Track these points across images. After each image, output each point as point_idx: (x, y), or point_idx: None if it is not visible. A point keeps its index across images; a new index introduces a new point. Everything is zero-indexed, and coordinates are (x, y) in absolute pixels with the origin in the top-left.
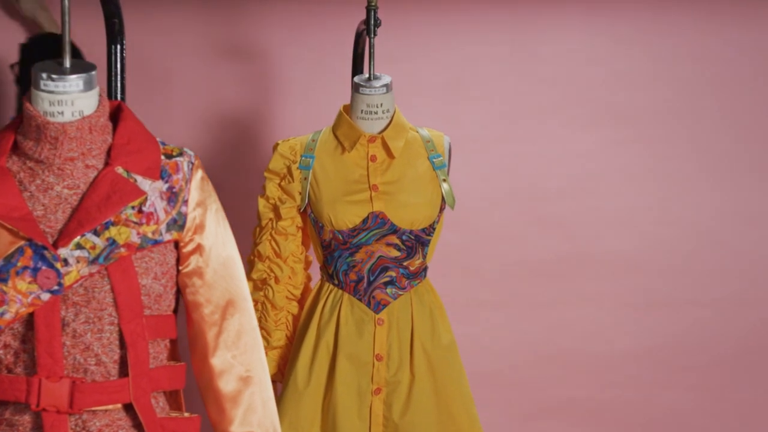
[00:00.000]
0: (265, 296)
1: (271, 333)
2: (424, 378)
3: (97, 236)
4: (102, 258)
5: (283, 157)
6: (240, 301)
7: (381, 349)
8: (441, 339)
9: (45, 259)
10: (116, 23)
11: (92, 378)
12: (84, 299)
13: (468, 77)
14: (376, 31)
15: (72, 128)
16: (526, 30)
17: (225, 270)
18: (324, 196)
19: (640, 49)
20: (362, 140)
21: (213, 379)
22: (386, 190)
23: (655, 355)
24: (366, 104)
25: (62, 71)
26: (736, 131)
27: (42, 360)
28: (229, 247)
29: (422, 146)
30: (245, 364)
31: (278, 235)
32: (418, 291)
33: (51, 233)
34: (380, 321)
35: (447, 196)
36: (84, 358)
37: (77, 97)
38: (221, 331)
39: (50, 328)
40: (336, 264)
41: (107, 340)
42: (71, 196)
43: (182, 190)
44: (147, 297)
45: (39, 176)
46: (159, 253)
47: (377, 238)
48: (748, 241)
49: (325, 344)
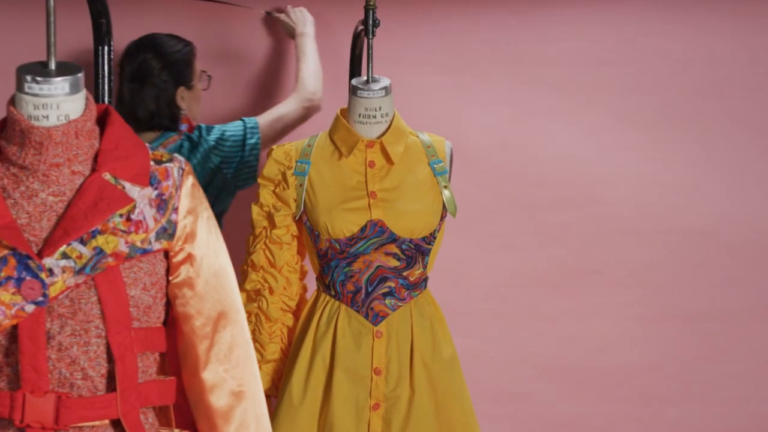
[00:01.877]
0: (258, 308)
1: (265, 346)
2: (425, 393)
3: (83, 245)
4: (89, 268)
5: (278, 163)
6: (232, 312)
7: (379, 363)
8: (442, 352)
9: (29, 269)
10: (104, 23)
11: (78, 393)
12: (70, 311)
13: (470, 80)
14: (374, 32)
15: (57, 133)
16: (531, 32)
17: (217, 280)
18: (320, 204)
19: (649, 51)
20: (360, 145)
21: (204, 393)
22: (385, 197)
23: (665, 369)
24: (364, 108)
25: (47, 73)
26: (748, 136)
27: (26, 374)
28: (221, 256)
29: (423, 152)
30: (238, 379)
31: (273, 244)
32: (419, 302)
33: (35, 242)
34: (379, 333)
35: (448, 203)
36: (70, 372)
37: (63, 101)
38: (213, 344)
39: (35, 341)
40: (333, 274)
41: (94, 353)
42: (57, 203)
43: (172, 197)
44: (136, 309)
45: (23, 183)
46: (148, 263)
47: (376, 247)
48: (761, 250)
49: (322, 358)
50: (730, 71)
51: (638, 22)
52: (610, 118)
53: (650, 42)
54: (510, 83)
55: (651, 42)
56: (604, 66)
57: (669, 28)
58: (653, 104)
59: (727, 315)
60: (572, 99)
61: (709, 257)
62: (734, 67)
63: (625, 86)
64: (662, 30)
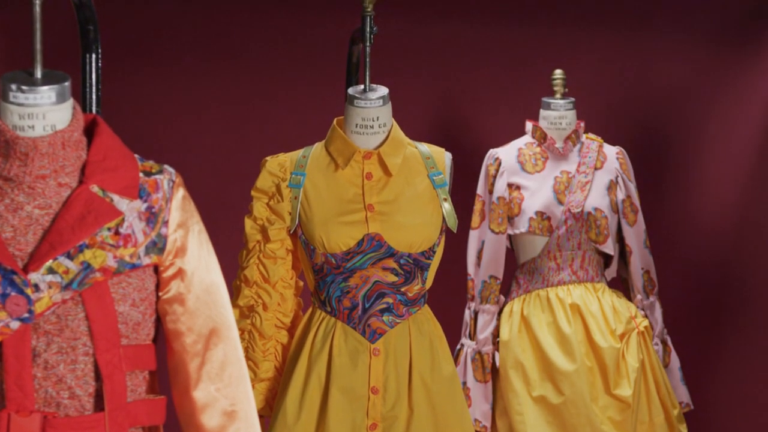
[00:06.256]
0: (252, 324)
1: (259, 364)
2: (424, 412)
3: (70, 260)
4: (76, 283)
5: (272, 175)
6: (224, 329)
7: (377, 382)
8: (441, 370)
9: (14, 285)
10: (91, 30)
11: (65, 412)
12: (56, 328)
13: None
14: (372, 40)
15: (43, 144)
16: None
17: (208, 296)
18: (315, 217)
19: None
20: (357, 156)
21: (195, 413)
22: (383, 210)
23: None
24: (361, 118)
25: (33, 82)
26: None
27: (11, 393)
28: (212, 271)
29: (422, 163)
30: (230, 398)
31: (266, 259)
32: (417, 319)
33: (21, 256)
34: (376, 351)
35: (448, 216)
36: (56, 391)
37: (49, 110)
38: (204, 362)
39: (20, 359)
40: (328, 290)
41: (81, 371)
42: (43, 216)
43: (162, 210)
44: (124, 325)
45: (8, 195)
46: (137, 278)
47: (373, 262)
48: None
49: (317, 376)
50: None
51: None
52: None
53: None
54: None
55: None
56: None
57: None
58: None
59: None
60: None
61: None
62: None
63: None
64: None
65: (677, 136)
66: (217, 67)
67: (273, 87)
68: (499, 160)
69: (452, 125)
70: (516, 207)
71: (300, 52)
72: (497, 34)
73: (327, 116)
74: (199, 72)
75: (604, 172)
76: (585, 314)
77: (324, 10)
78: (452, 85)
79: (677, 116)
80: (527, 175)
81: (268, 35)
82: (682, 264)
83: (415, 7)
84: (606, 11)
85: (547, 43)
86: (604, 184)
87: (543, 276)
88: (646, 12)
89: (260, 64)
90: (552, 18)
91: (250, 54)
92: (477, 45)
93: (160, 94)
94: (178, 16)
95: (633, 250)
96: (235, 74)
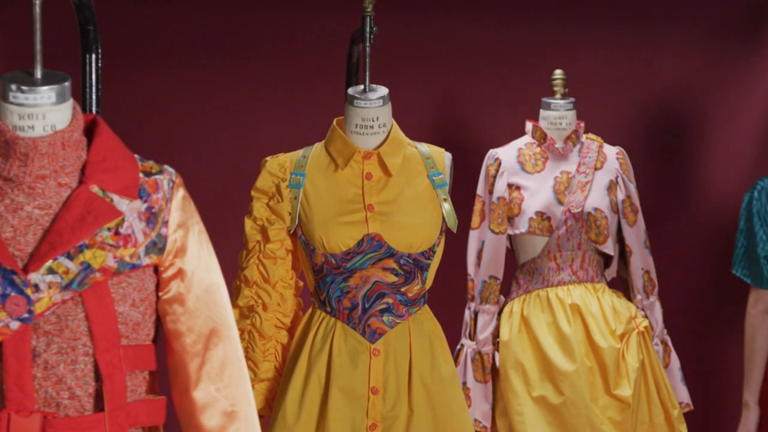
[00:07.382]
0: (252, 325)
1: (259, 364)
2: (423, 413)
3: (70, 260)
4: (76, 283)
5: (272, 175)
6: (224, 330)
7: (377, 382)
8: (441, 371)
9: (14, 285)
10: (91, 30)
11: (65, 413)
12: (56, 328)
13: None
14: (372, 40)
15: (43, 144)
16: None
17: (208, 296)
18: (315, 217)
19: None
20: (357, 157)
21: (195, 413)
22: (382, 210)
23: None
24: (361, 118)
25: (33, 82)
26: None
27: (11, 393)
28: (212, 271)
29: (421, 163)
30: (230, 398)
31: (266, 259)
32: (417, 319)
33: (21, 257)
34: (376, 351)
35: (448, 216)
36: (56, 391)
37: (49, 111)
38: (204, 362)
39: (20, 359)
40: (328, 290)
41: (81, 372)
42: (42, 216)
43: (162, 210)
44: (124, 326)
45: (8, 195)
46: (137, 279)
47: (373, 262)
48: None
49: (317, 376)
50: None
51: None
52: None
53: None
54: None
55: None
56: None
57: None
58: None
59: None
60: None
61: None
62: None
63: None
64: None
65: (677, 136)
66: (217, 67)
67: (273, 87)
68: (499, 160)
69: (452, 125)
70: (516, 207)
71: (300, 52)
72: (497, 34)
73: (327, 116)
74: (199, 72)
75: (604, 173)
76: (585, 314)
77: (324, 10)
78: (452, 85)
79: (677, 116)
80: (527, 176)
81: (268, 35)
82: (682, 264)
83: (415, 7)
84: (606, 11)
85: (547, 43)
86: (604, 185)
87: (543, 276)
88: (647, 12)
89: (260, 64)
90: (552, 18)
91: (250, 54)
92: (477, 45)
93: (160, 94)
94: (178, 16)
95: (633, 250)
96: (235, 74)
